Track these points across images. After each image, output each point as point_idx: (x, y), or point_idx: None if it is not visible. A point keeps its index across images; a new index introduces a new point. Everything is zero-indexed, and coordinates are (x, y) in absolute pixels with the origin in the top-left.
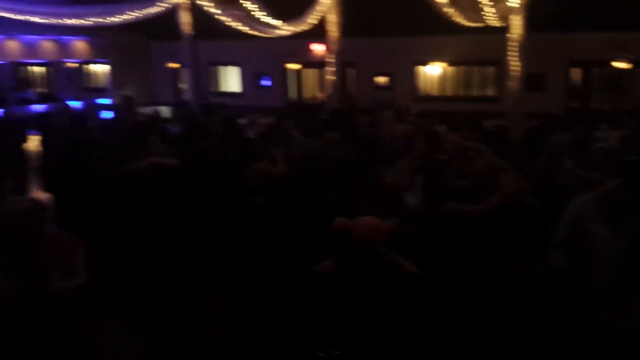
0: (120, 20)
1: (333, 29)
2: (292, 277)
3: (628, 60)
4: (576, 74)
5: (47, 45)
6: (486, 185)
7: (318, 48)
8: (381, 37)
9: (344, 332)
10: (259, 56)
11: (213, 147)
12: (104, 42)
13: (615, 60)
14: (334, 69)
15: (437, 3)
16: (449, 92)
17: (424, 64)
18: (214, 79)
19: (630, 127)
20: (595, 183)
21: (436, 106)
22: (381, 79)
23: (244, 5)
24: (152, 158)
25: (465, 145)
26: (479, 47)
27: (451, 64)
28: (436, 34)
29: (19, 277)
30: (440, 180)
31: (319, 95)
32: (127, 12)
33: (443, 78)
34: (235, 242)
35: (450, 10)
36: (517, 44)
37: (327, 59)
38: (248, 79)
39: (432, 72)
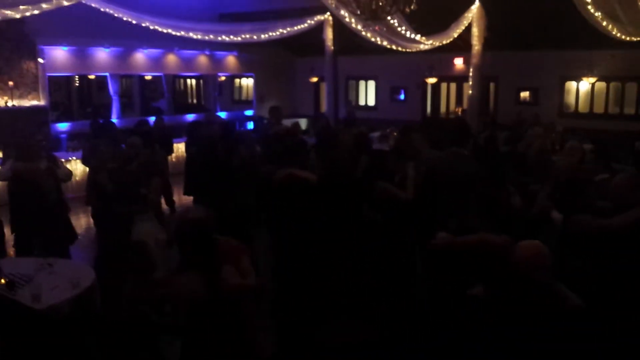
0: (267, 37)
1: (475, 42)
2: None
3: None
4: None
5: (201, 59)
6: (625, 203)
7: (458, 62)
8: (526, 50)
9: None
10: (394, 70)
11: (342, 159)
12: (250, 57)
13: None
14: (474, 83)
15: (593, 16)
16: (598, 109)
17: (573, 78)
18: (351, 92)
19: None
20: None
21: (584, 124)
22: (525, 94)
23: (387, 20)
24: (291, 170)
25: (611, 165)
26: (635, 62)
27: (602, 79)
28: (587, 48)
29: (202, 277)
30: (579, 197)
31: (456, 109)
32: (279, 30)
33: (593, 94)
34: (353, 255)
35: (607, 24)
36: None
37: (470, 73)
38: (383, 92)
39: (581, 87)
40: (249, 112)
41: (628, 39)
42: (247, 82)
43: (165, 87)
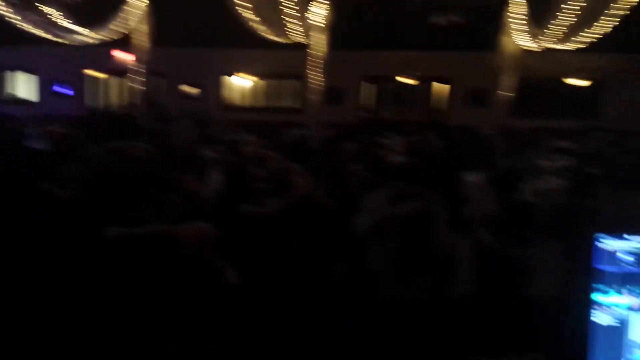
0: None
1: (142, 38)
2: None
3: (415, 77)
4: (369, 88)
5: None
6: (280, 188)
7: (126, 57)
8: (191, 47)
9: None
10: (59, 63)
11: None
12: None
13: (403, 76)
14: (142, 78)
15: (246, 18)
16: (256, 103)
17: (233, 75)
18: (6, 85)
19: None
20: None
21: (244, 116)
22: (190, 89)
23: (46, 11)
24: None
25: (260, 153)
26: (284, 61)
27: (259, 76)
28: (245, 47)
29: None
30: (239, 183)
31: (125, 104)
32: None
33: (251, 89)
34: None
35: (258, 26)
36: (318, 59)
37: (135, 68)
38: (46, 86)
39: (241, 83)
40: None
41: (279, 40)
42: None
43: None
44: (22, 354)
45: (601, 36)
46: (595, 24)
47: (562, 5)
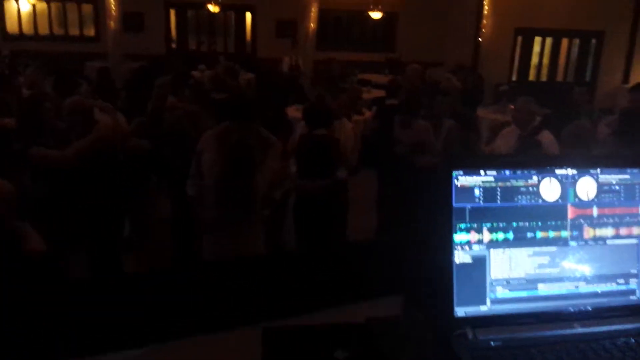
0: None
1: None
2: None
3: (215, 4)
4: (173, 15)
5: None
6: (84, 127)
7: None
8: None
9: None
10: None
11: None
12: None
13: (210, 3)
14: None
15: None
16: (42, 30)
17: None
18: None
19: (221, 66)
20: (197, 115)
21: (29, 46)
22: None
23: None
24: None
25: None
26: None
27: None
28: None
29: None
30: (36, 121)
31: None
32: None
33: (35, 15)
34: None
35: None
36: None
37: None
38: None
39: (22, 7)
40: None
41: None
42: None
43: None
44: None
45: None
46: None
47: None
